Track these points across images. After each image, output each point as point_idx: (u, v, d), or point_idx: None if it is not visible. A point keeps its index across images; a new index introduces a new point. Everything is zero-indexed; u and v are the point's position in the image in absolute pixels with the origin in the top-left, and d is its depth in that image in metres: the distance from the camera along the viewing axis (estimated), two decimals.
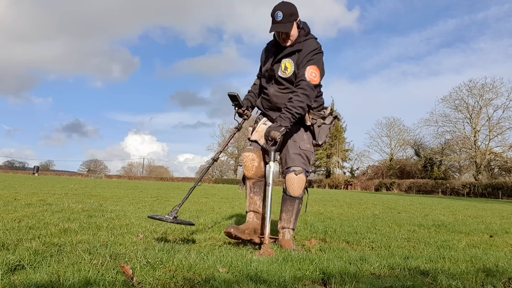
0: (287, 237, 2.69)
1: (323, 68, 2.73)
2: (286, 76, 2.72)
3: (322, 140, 2.82)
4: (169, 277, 1.75)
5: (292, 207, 2.72)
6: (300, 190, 2.72)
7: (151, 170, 77.35)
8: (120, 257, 2.08)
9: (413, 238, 3.49)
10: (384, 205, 9.38)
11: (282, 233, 2.71)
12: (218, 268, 1.91)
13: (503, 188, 30.84)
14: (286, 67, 2.72)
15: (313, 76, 2.62)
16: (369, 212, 6.59)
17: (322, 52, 2.73)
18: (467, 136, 39.96)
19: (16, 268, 1.77)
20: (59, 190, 9.08)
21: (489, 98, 38.30)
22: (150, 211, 4.83)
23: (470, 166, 41.67)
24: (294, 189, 2.71)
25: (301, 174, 2.71)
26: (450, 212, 7.62)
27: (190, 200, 7.92)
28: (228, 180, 54.66)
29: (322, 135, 2.82)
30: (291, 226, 2.71)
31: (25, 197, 6.17)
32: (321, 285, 1.79)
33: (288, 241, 2.67)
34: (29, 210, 4.21)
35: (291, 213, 2.72)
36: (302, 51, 2.67)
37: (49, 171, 73.04)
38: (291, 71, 2.70)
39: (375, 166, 49.09)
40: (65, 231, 2.87)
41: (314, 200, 9.86)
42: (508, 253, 2.88)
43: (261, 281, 1.71)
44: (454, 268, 2.18)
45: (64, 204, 5.21)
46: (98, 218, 3.79)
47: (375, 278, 1.90)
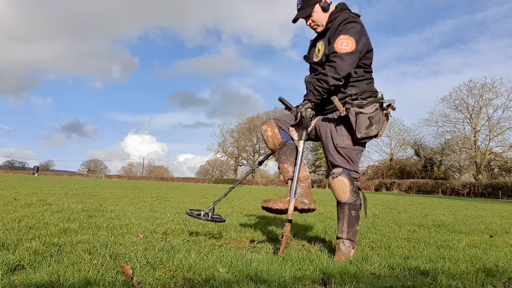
0: (341, 248, 2.41)
1: (362, 37, 2.37)
2: (318, 59, 2.52)
3: (362, 133, 2.39)
4: (169, 277, 1.75)
5: (343, 214, 2.43)
6: (344, 195, 2.40)
7: (151, 170, 77.35)
8: (120, 257, 2.08)
9: (413, 238, 3.49)
10: (384, 205, 9.38)
11: (337, 243, 2.44)
12: (218, 268, 1.91)
13: (503, 188, 30.82)
14: (319, 50, 2.54)
15: (344, 46, 2.31)
16: (369, 212, 6.59)
17: (356, 21, 2.40)
18: (467, 136, 39.95)
19: (16, 268, 1.77)
20: (59, 190, 9.08)
21: (489, 98, 38.29)
22: (150, 211, 4.83)
23: (470, 166, 41.66)
24: (337, 194, 2.43)
25: (340, 176, 2.41)
26: (450, 212, 7.62)
27: (191, 200, 7.91)
28: (228, 180, 54.65)
29: (360, 127, 2.39)
30: (344, 236, 2.41)
31: (25, 197, 6.17)
32: (321, 285, 1.79)
33: (339, 253, 2.39)
34: (29, 210, 4.21)
35: (342, 221, 2.43)
36: (331, 27, 2.44)
37: (49, 171, 73.03)
38: (322, 53, 2.49)
39: (375, 166, 49.10)
40: (65, 231, 2.87)
41: (315, 200, 9.85)
42: (508, 253, 2.88)
43: (261, 281, 1.71)
44: (454, 268, 2.18)
45: (64, 204, 5.21)
46: (98, 218, 3.78)
47: (375, 278, 1.90)
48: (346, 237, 2.40)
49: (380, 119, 2.43)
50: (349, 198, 2.40)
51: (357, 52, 2.33)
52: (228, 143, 60.66)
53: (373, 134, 2.41)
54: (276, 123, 2.65)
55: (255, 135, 58.43)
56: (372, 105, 2.40)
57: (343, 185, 2.40)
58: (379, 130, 2.45)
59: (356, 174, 2.48)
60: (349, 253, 2.39)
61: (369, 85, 2.48)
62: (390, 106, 2.50)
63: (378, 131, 2.44)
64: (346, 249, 2.39)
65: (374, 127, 2.41)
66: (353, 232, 2.42)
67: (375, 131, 2.42)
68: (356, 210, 2.41)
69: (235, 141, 59.79)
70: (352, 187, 2.40)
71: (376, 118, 2.42)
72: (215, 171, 68.40)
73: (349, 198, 2.40)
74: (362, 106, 2.39)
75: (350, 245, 2.40)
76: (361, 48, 2.36)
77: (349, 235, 2.40)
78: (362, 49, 2.38)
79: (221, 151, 60.84)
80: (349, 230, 2.40)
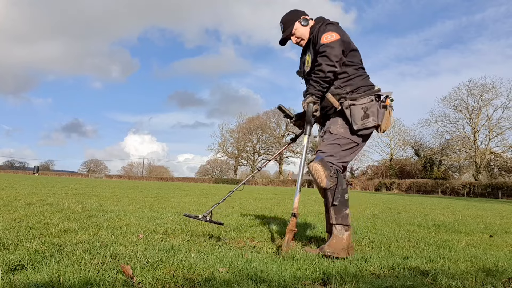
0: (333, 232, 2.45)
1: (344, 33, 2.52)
2: (309, 69, 2.66)
3: (358, 125, 2.45)
4: (169, 277, 1.75)
5: (327, 201, 2.49)
6: (321, 180, 2.41)
7: (151, 170, 77.34)
8: (120, 257, 2.09)
9: (413, 238, 3.49)
10: (384, 205, 9.38)
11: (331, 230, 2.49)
12: (218, 268, 1.91)
13: (503, 188, 30.82)
14: (307, 61, 2.70)
15: (329, 37, 2.45)
16: (369, 212, 6.59)
17: (333, 24, 2.57)
18: (467, 136, 39.94)
19: (17, 268, 1.77)
20: (59, 190, 9.08)
21: (489, 98, 38.27)
22: (150, 211, 4.83)
23: (470, 166, 41.66)
24: (315, 180, 2.46)
25: (312, 162, 2.46)
26: (450, 212, 7.62)
27: (191, 200, 7.91)
28: (228, 180, 54.65)
29: (355, 118, 2.46)
30: (333, 221, 2.45)
31: (25, 197, 6.17)
32: (321, 285, 1.79)
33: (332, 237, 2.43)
34: (29, 210, 4.21)
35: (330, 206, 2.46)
36: (313, 36, 2.62)
37: (49, 171, 73.02)
38: (311, 62, 2.64)
39: (375, 166, 49.09)
40: (65, 231, 2.87)
41: (314, 200, 9.86)
42: (508, 253, 2.88)
43: (261, 281, 1.72)
44: (454, 268, 2.18)
45: (64, 204, 5.21)
46: (98, 218, 3.79)
47: (375, 278, 1.90)
48: (336, 222, 2.43)
49: (378, 111, 2.48)
50: (327, 183, 2.41)
51: (342, 41, 2.46)
52: (228, 143, 60.70)
53: (370, 125, 2.46)
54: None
55: (255, 135, 58.45)
56: (366, 97, 2.49)
57: (315, 170, 2.42)
58: (378, 122, 2.48)
59: (335, 159, 2.47)
60: (342, 236, 2.40)
61: (363, 80, 2.57)
62: (388, 98, 2.54)
63: (376, 122, 2.48)
64: (338, 232, 2.42)
65: (371, 119, 2.46)
66: (342, 217, 2.43)
67: (373, 123, 2.46)
68: (335, 196, 2.42)
69: (235, 141, 59.80)
70: (327, 172, 2.41)
71: (373, 109, 2.47)
72: (215, 171, 68.41)
73: (327, 183, 2.41)
74: (355, 99, 2.49)
75: (342, 229, 2.43)
76: (344, 39, 2.49)
77: (338, 220, 2.43)
78: (345, 41, 2.50)
79: (221, 151, 60.86)
80: (337, 216, 2.43)
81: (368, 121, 2.45)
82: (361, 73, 2.59)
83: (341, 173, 2.49)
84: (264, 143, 58.42)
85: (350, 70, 2.54)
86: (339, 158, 2.50)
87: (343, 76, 2.54)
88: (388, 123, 2.53)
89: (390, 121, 2.55)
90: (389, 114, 2.53)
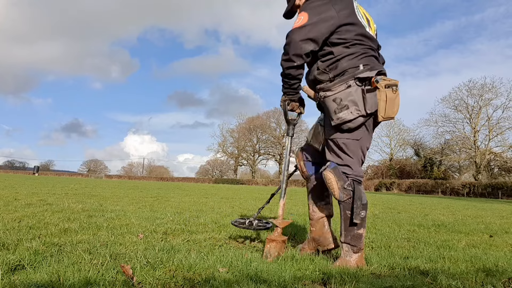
0: (341, 253, 2.19)
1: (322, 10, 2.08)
2: None
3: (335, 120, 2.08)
4: (169, 277, 1.75)
5: (340, 214, 2.18)
6: (334, 191, 2.13)
7: (151, 170, 77.35)
8: (120, 257, 2.09)
9: (413, 238, 3.49)
10: (384, 205, 9.38)
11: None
12: (218, 268, 1.91)
13: (503, 188, 30.82)
14: None
15: (296, 22, 2.10)
16: (369, 212, 6.59)
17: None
18: (467, 136, 39.95)
19: (17, 268, 1.77)
20: (59, 190, 9.08)
21: (489, 98, 38.29)
22: (150, 211, 4.83)
23: (470, 166, 41.66)
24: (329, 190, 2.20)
25: (325, 171, 2.17)
26: (450, 212, 7.62)
27: (191, 200, 7.91)
28: (228, 180, 54.66)
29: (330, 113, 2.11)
30: (342, 239, 2.17)
31: (25, 197, 6.17)
32: (321, 285, 1.79)
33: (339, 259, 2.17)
34: (29, 210, 4.21)
35: (341, 221, 2.18)
36: None
37: (49, 171, 73.02)
38: None
39: (375, 166, 49.09)
40: (65, 231, 2.87)
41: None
42: (508, 253, 2.88)
43: (261, 281, 1.72)
44: (454, 268, 2.18)
45: (64, 204, 5.21)
46: (98, 218, 3.79)
47: (375, 278, 1.90)
48: (344, 241, 2.16)
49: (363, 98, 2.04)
50: (341, 196, 2.11)
51: (311, 25, 2.05)
52: (228, 143, 60.69)
53: (350, 117, 2.05)
54: (302, 155, 2.54)
55: (255, 135, 58.44)
56: (339, 84, 2.07)
57: (327, 180, 2.15)
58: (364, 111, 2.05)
59: (349, 169, 2.14)
60: (349, 259, 2.13)
61: (352, 60, 2.11)
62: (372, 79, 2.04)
63: (360, 112, 2.05)
64: (344, 253, 2.15)
65: (352, 109, 2.04)
66: (352, 236, 2.12)
67: (355, 114, 2.04)
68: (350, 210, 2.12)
69: (235, 141, 59.78)
70: (340, 183, 2.11)
71: (352, 97, 2.04)
72: (215, 171, 68.40)
73: (340, 196, 2.12)
74: (328, 89, 2.10)
75: (349, 250, 2.13)
76: (317, 20, 2.06)
77: (346, 238, 2.14)
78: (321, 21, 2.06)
79: (221, 151, 60.85)
80: (346, 233, 2.14)
81: (346, 112, 2.04)
82: (352, 51, 2.12)
83: (359, 185, 2.16)
84: (264, 143, 58.44)
85: (338, 49, 2.12)
86: (351, 163, 2.16)
87: (328, 58, 2.15)
88: (390, 108, 2.02)
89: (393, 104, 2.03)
90: (386, 97, 2.01)
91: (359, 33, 2.16)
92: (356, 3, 2.29)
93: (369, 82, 2.07)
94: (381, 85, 2.02)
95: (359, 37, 2.16)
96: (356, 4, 2.27)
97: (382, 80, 2.05)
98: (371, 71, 2.09)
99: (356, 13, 2.21)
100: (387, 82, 2.03)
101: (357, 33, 2.16)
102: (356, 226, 2.12)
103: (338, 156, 2.18)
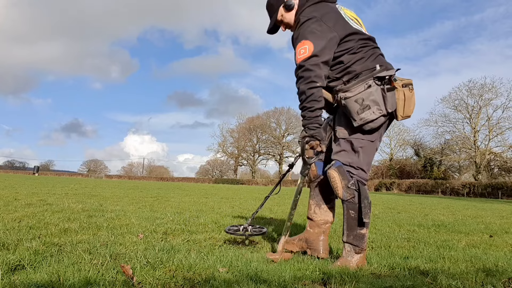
0: (342, 253, 2.20)
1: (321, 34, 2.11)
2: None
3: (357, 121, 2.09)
4: (169, 277, 1.75)
5: (343, 214, 2.20)
6: (337, 190, 2.15)
7: (151, 170, 77.34)
8: (120, 257, 2.09)
9: (413, 238, 3.49)
10: (384, 205, 9.38)
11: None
12: (218, 268, 1.91)
13: (503, 188, 30.82)
14: None
15: (302, 54, 2.11)
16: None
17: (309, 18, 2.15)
18: (467, 136, 39.95)
19: (17, 268, 1.77)
20: (59, 190, 9.08)
21: (489, 98, 38.29)
22: (150, 211, 4.83)
23: (470, 166, 41.66)
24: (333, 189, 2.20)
25: (329, 169, 2.18)
26: (450, 212, 7.62)
27: (191, 200, 7.92)
28: (228, 180, 54.65)
29: (352, 114, 2.10)
30: (344, 239, 2.19)
31: (25, 197, 6.17)
32: (321, 285, 1.79)
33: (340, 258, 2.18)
34: (30, 210, 4.21)
35: (343, 221, 2.20)
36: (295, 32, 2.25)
37: (49, 171, 73.01)
38: None
39: (375, 166, 49.07)
40: (65, 231, 2.87)
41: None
42: (508, 253, 2.88)
43: (261, 281, 1.72)
44: (454, 268, 2.18)
45: (64, 204, 5.21)
46: (98, 218, 3.79)
47: (375, 278, 1.90)
48: (346, 240, 2.17)
49: (383, 97, 2.07)
50: (344, 195, 2.13)
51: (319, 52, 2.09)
52: (228, 143, 60.70)
53: (373, 117, 2.07)
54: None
55: (255, 135, 58.44)
56: (360, 85, 2.09)
57: (331, 178, 2.16)
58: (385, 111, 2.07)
59: (354, 169, 2.16)
60: (348, 259, 2.14)
61: (366, 63, 2.16)
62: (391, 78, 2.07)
63: (382, 112, 2.07)
64: (346, 253, 2.16)
65: (374, 108, 2.06)
66: (354, 236, 2.14)
67: (377, 113, 2.07)
68: (355, 210, 2.14)
69: (235, 141, 59.79)
70: (344, 182, 2.12)
71: (373, 97, 2.06)
72: (215, 171, 68.41)
73: (343, 195, 2.13)
74: (347, 90, 2.12)
75: (351, 250, 2.14)
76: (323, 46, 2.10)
77: (348, 238, 2.15)
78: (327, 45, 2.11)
79: (221, 151, 60.87)
80: (349, 233, 2.15)
81: (369, 112, 2.06)
82: (361, 55, 2.17)
83: (364, 185, 2.18)
84: (264, 143, 58.45)
85: (346, 57, 2.16)
86: (359, 165, 2.17)
87: (338, 67, 2.18)
88: (408, 107, 2.09)
89: (410, 103, 2.10)
90: (405, 96, 2.07)
91: (360, 38, 2.21)
92: (341, 8, 2.32)
93: (388, 81, 2.08)
94: (398, 84, 2.07)
95: (362, 41, 2.20)
96: (342, 10, 2.29)
97: (399, 79, 2.10)
98: (388, 70, 2.11)
99: (347, 20, 2.24)
100: (404, 82, 2.09)
101: (359, 38, 2.20)
102: (363, 225, 2.14)
103: (348, 156, 2.17)
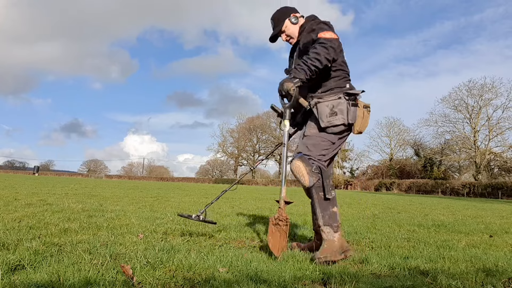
0: (323, 238, 2.34)
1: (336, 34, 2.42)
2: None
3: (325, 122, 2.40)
4: (169, 277, 1.75)
5: (313, 201, 2.41)
6: (304, 178, 2.36)
7: (151, 170, 77.34)
8: (120, 257, 2.09)
9: (413, 238, 3.49)
10: (384, 205, 9.38)
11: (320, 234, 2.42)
12: (218, 268, 1.91)
13: (503, 188, 30.83)
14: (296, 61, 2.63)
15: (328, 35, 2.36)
16: (369, 212, 6.59)
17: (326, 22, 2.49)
18: (467, 136, 39.96)
19: (17, 268, 1.77)
20: (59, 190, 9.08)
21: (489, 98, 38.32)
22: (150, 211, 4.83)
23: (470, 166, 41.67)
24: (298, 179, 2.40)
25: (293, 160, 2.42)
26: (450, 212, 7.62)
27: (191, 200, 7.91)
28: (228, 180, 54.65)
29: (322, 116, 2.42)
30: (320, 223, 2.35)
31: (25, 197, 6.17)
32: (321, 285, 1.79)
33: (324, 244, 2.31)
34: (30, 210, 4.21)
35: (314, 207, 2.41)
36: (302, 34, 2.56)
37: (49, 171, 73.03)
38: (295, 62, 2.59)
39: (375, 166, 49.11)
40: (65, 231, 2.87)
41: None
42: (508, 253, 2.88)
43: (261, 281, 1.72)
44: (454, 268, 2.18)
45: (64, 204, 5.21)
46: (98, 218, 3.79)
47: (375, 278, 1.90)
48: (323, 223, 2.32)
49: (348, 109, 2.41)
50: (310, 180, 2.34)
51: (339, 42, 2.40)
52: (228, 143, 60.70)
53: (338, 122, 2.40)
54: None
55: (255, 135, 58.46)
56: (332, 95, 2.44)
57: (297, 167, 2.37)
58: (347, 120, 2.41)
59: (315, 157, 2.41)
60: (332, 238, 2.28)
61: (338, 81, 2.49)
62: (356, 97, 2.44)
63: (345, 120, 2.40)
64: (327, 235, 2.30)
65: (339, 116, 2.40)
66: (329, 215, 2.33)
67: (341, 120, 2.40)
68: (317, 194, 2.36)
69: (235, 141, 59.80)
70: (308, 168, 2.36)
71: (340, 107, 2.41)
72: (215, 171, 68.43)
73: (310, 180, 2.34)
74: (321, 97, 2.46)
75: (330, 231, 2.31)
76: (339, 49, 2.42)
77: (325, 219, 2.32)
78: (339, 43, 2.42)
79: (221, 151, 60.86)
80: (324, 214, 2.33)
81: (336, 118, 2.40)
82: (338, 74, 2.50)
83: (325, 169, 2.43)
84: (264, 143, 58.46)
85: (326, 72, 2.47)
86: (319, 154, 2.44)
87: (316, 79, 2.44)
88: (363, 124, 2.47)
89: (366, 122, 2.48)
90: (363, 115, 2.46)
91: (342, 61, 2.53)
92: None
93: (354, 98, 2.46)
94: (361, 104, 2.48)
95: (342, 64, 2.53)
96: None
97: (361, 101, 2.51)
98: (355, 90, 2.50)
99: None
100: (365, 104, 2.51)
101: (342, 60, 2.52)
102: (329, 202, 2.36)
103: (309, 149, 2.44)
